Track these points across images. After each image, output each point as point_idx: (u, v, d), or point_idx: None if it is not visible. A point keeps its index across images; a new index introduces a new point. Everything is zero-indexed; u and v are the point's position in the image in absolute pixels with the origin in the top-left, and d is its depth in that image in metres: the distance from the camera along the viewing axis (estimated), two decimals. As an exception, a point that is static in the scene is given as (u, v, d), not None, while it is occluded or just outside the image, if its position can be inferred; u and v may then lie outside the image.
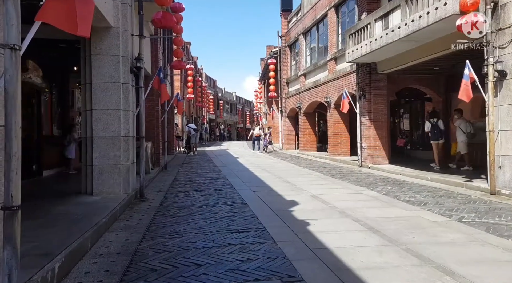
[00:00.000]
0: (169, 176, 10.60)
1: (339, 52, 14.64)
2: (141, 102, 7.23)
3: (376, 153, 11.97)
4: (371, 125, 12.00)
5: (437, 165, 10.40)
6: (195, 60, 33.58)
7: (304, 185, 8.31)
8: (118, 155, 6.74)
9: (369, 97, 12.06)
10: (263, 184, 8.75)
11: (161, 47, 12.39)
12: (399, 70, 11.34)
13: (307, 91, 18.01)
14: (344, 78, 13.96)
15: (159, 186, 8.70)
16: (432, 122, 10.63)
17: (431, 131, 10.53)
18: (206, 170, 11.82)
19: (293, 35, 20.38)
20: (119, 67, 6.76)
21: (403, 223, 5.04)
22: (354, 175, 10.17)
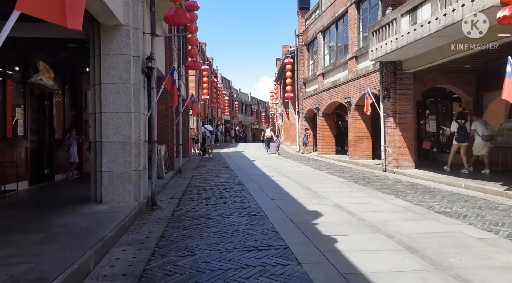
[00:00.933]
0: (184, 180, 10.19)
1: (361, 50, 13.97)
2: (153, 105, 6.82)
3: (402, 156, 11.27)
4: (396, 128, 11.30)
5: (448, 166, 10.47)
6: (210, 61, 33.32)
7: (326, 193, 7.73)
8: (129, 161, 6.34)
9: (393, 98, 11.36)
10: (281, 190, 8.22)
11: (175, 47, 12.03)
12: (426, 69, 10.62)
13: (326, 92, 17.37)
14: (366, 77, 13.29)
15: (172, 192, 8.29)
16: (460, 123, 10.35)
17: (458, 132, 10.23)
18: (222, 174, 11.37)
19: (311, 33, 19.77)
20: (129, 68, 6.36)
21: (445, 241, 4.43)
22: (379, 181, 9.52)
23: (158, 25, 9.45)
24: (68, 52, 8.71)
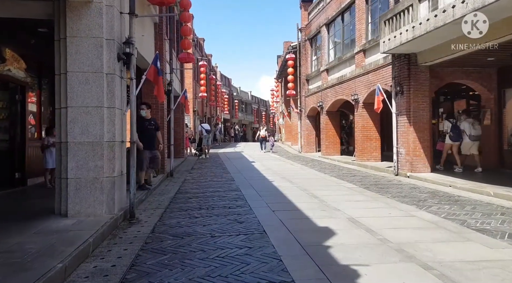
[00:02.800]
0: (174, 185, 9.10)
1: (369, 43, 12.87)
2: (132, 98, 5.73)
3: (416, 159, 10.18)
4: (410, 127, 10.20)
5: (441, 165, 10.56)
6: (209, 58, 32.19)
7: (336, 202, 6.65)
8: (101, 165, 5.25)
9: (407, 94, 10.27)
10: (284, 199, 7.14)
11: (167, 38, 10.94)
12: (444, 62, 9.53)
13: (330, 89, 16.27)
14: (375, 72, 12.19)
15: (158, 200, 7.20)
16: (452, 122, 10.47)
17: (452, 131, 10.31)
18: (217, 178, 10.28)
19: (314, 27, 18.66)
20: (102, 53, 5.28)
21: (500, 274, 3.36)
22: (393, 187, 8.43)
23: (143, 7, 8.37)
24: (39, 39, 7.61)
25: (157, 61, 5.86)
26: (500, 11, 6.67)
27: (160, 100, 6.20)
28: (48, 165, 8.01)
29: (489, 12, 6.62)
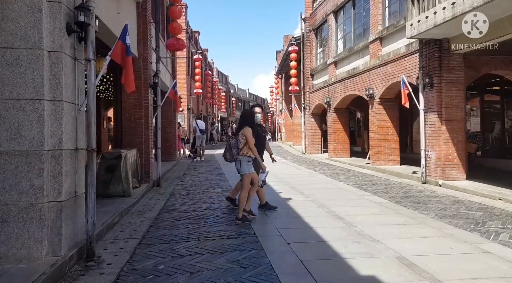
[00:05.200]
0: (159, 199, 7.43)
1: (387, 29, 11.23)
2: (90, 88, 4.05)
3: (449, 164, 8.57)
4: (441, 126, 8.59)
5: None
6: (205, 53, 30.43)
7: (368, 226, 5.01)
8: (39, 186, 3.59)
9: (438, 87, 8.65)
10: (299, 221, 5.48)
11: (152, 21, 9.25)
12: (484, 48, 7.91)
13: (339, 83, 14.63)
14: (395, 63, 10.55)
15: (135, 222, 5.53)
16: None
17: None
18: (213, 188, 8.61)
19: (320, 16, 16.99)
20: (41, 21, 3.61)
21: None
22: (431, 201, 6.80)
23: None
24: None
25: (125, 36, 4.21)
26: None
27: (129, 90, 4.50)
28: None
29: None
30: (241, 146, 5.41)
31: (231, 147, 5.37)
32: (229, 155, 5.41)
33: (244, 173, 5.41)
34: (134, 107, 8.53)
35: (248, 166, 5.39)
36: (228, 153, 5.42)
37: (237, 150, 5.39)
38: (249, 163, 5.40)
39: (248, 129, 5.42)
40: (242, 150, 5.41)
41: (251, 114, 5.67)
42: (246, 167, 5.39)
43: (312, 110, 18.24)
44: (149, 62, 8.85)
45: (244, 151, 5.40)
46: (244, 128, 5.43)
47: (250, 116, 5.64)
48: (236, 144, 5.40)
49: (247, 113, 5.69)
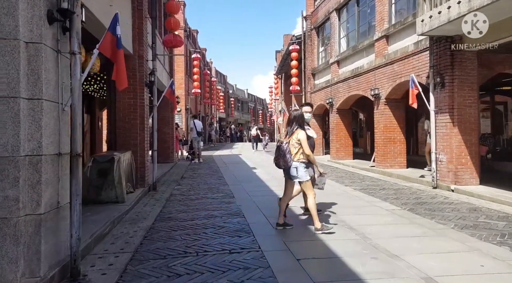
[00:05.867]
0: (155, 205, 6.95)
1: (394, 27, 10.80)
2: (75, 84, 3.57)
3: (462, 168, 8.13)
4: (453, 128, 8.15)
5: (429, 166, 9.87)
6: (203, 52, 29.94)
7: (384, 238, 4.56)
8: (14, 197, 3.11)
9: (450, 86, 8.21)
10: (307, 231, 5.01)
11: (149, 16, 8.76)
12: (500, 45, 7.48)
13: (342, 83, 14.18)
14: (403, 61, 10.11)
15: (128, 232, 5.06)
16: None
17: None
18: (212, 193, 8.13)
19: (322, 14, 16.54)
20: (16, 6, 3.13)
21: None
22: (446, 209, 6.35)
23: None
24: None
25: (116, 26, 3.74)
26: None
27: (120, 88, 4.03)
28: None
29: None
30: (295, 151, 4.89)
31: (284, 152, 4.82)
32: (283, 161, 4.85)
33: (303, 180, 4.90)
34: (128, 107, 8.05)
35: (306, 171, 4.91)
36: (282, 159, 4.85)
37: (290, 155, 4.87)
38: (306, 169, 4.91)
39: (303, 133, 4.90)
40: (297, 155, 4.89)
41: (301, 115, 5.06)
42: (304, 173, 4.88)
43: (314, 111, 17.76)
44: (144, 59, 8.38)
45: (300, 156, 4.89)
46: (297, 132, 4.90)
47: (300, 118, 5.02)
48: (289, 149, 4.87)
49: (297, 115, 5.04)
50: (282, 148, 4.91)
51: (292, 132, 4.97)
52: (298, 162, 4.89)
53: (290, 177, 5.01)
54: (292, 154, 4.90)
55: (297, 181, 4.98)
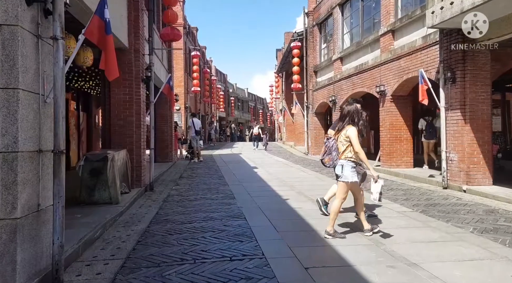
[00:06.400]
0: (151, 206, 6.57)
1: (400, 21, 10.41)
2: (58, 74, 3.19)
3: (474, 167, 7.74)
4: (465, 125, 7.76)
5: (425, 165, 10.27)
6: (203, 50, 29.53)
7: (400, 244, 4.17)
8: (-15, 199, 2.73)
9: (461, 82, 7.82)
10: (313, 235, 4.63)
11: (145, 8, 8.37)
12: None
13: (346, 80, 13.79)
14: (410, 56, 9.72)
15: (121, 236, 4.67)
16: (428, 120, 10.28)
17: (426, 129, 10.15)
18: (211, 193, 7.75)
19: (325, 9, 16.15)
20: (-13, -17, 2.75)
21: None
22: (461, 211, 5.97)
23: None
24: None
25: (103, 9, 3.34)
26: None
27: (110, 78, 3.65)
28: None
29: None
30: (344, 148, 4.41)
31: (331, 149, 4.39)
32: (328, 158, 4.45)
33: (347, 180, 4.35)
34: (124, 103, 7.66)
35: (352, 172, 4.35)
36: (328, 157, 4.47)
37: (337, 152, 4.42)
38: (354, 169, 4.36)
39: (353, 129, 4.37)
40: (345, 153, 4.40)
41: (355, 110, 4.48)
42: (349, 174, 4.33)
43: (316, 109, 17.40)
44: (141, 53, 7.99)
45: (348, 154, 4.38)
46: (347, 128, 4.39)
47: (354, 113, 4.46)
48: (336, 146, 4.42)
49: (351, 110, 4.47)
50: (329, 144, 4.47)
51: (341, 128, 4.49)
52: (345, 160, 4.38)
53: (337, 175, 4.55)
54: (339, 151, 4.45)
55: (340, 180, 4.47)
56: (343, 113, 4.58)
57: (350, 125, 4.43)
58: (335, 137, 4.53)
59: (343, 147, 4.43)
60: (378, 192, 4.29)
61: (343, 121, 4.51)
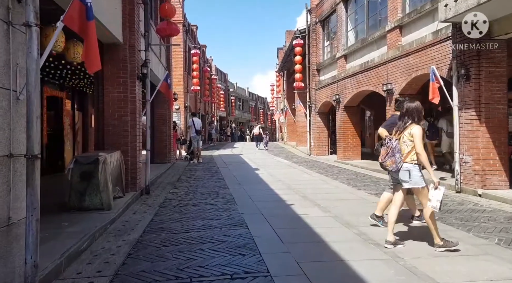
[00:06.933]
0: (146, 212, 6.13)
1: (409, 16, 9.95)
2: (32, 67, 2.75)
3: (490, 170, 7.30)
4: (480, 125, 7.32)
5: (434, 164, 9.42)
6: (203, 49, 29.09)
7: (421, 258, 3.74)
8: None
9: (476, 79, 7.38)
10: (323, 247, 4.19)
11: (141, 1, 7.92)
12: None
13: (350, 78, 13.34)
14: (419, 53, 9.27)
15: (109, 250, 4.23)
16: (429, 121, 10.01)
17: (429, 130, 9.61)
18: (211, 198, 7.30)
19: (328, 6, 15.69)
20: None
21: None
22: (480, 218, 5.53)
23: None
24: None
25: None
26: None
27: (91, 71, 3.21)
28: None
29: None
30: (408, 149, 3.99)
31: (393, 150, 3.93)
32: (391, 161, 3.95)
33: (418, 185, 3.97)
34: (118, 102, 7.22)
35: (422, 176, 3.97)
36: (390, 159, 3.96)
37: (400, 154, 3.98)
38: (421, 172, 3.98)
39: (418, 127, 3.98)
40: (410, 155, 3.98)
41: (416, 108, 4.06)
42: (418, 178, 3.94)
43: (319, 109, 16.95)
44: (136, 49, 7.55)
45: (414, 157, 3.96)
46: (411, 127, 3.98)
47: (415, 110, 4.05)
48: (399, 147, 3.99)
49: (412, 108, 4.06)
50: (391, 145, 3.98)
51: (404, 127, 4.05)
52: (411, 164, 3.96)
53: (399, 181, 4.08)
54: (403, 153, 4.00)
55: (408, 186, 4.03)
56: (403, 112, 4.15)
57: (414, 124, 4.01)
58: (397, 137, 4.08)
59: (408, 148, 4.00)
60: (439, 200, 3.82)
61: (403, 120, 4.09)
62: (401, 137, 4.06)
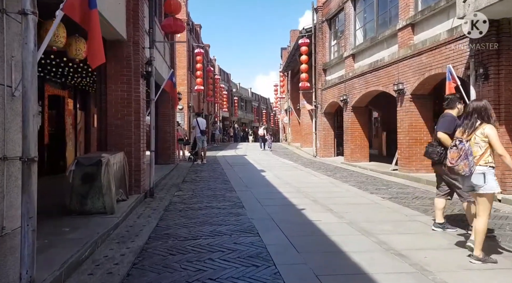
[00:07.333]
0: (151, 216, 5.85)
1: (422, 13, 9.64)
2: (28, 59, 2.47)
3: (510, 174, 6.97)
4: (500, 127, 6.97)
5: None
6: (206, 48, 28.83)
7: (451, 272, 3.45)
8: None
9: (495, 79, 7.07)
10: (341, 257, 3.89)
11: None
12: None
13: (358, 78, 13.03)
14: (432, 52, 8.96)
15: (112, 258, 3.94)
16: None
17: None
18: (217, 201, 7.01)
19: (335, 4, 15.38)
20: None
21: None
22: (505, 225, 5.24)
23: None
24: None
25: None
26: None
27: (94, 64, 2.92)
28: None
29: None
30: (480, 151, 3.66)
31: (467, 153, 3.58)
32: (464, 164, 3.58)
33: (492, 190, 3.65)
34: (122, 101, 6.95)
35: (496, 180, 3.67)
36: (463, 162, 3.58)
37: (473, 157, 3.63)
38: (495, 176, 3.70)
39: (492, 127, 3.68)
40: (483, 157, 3.65)
41: (483, 107, 3.75)
42: (494, 183, 3.64)
43: (325, 109, 16.64)
44: (140, 46, 7.28)
45: (488, 159, 3.66)
46: (484, 127, 3.66)
47: (483, 109, 3.73)
48: (471, 149, 3.64)
49: (479, 106, 3.76)
50: (463, 147, 3.61)
51: (474, 127, 3.73)
52: (486, 166, 3.64)
53: (472, 186, 3.70)
54: (475, 156, 3.65)
55: (483, 192, 3.64)
56: (469, 110, 3.84)
57: (485, 123, 3.69)
58: (467, 138, 3.74)
59: (481, 150, 3.66)
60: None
61: (470, 120, 3.77)
62: (472, 138, 3.72)
